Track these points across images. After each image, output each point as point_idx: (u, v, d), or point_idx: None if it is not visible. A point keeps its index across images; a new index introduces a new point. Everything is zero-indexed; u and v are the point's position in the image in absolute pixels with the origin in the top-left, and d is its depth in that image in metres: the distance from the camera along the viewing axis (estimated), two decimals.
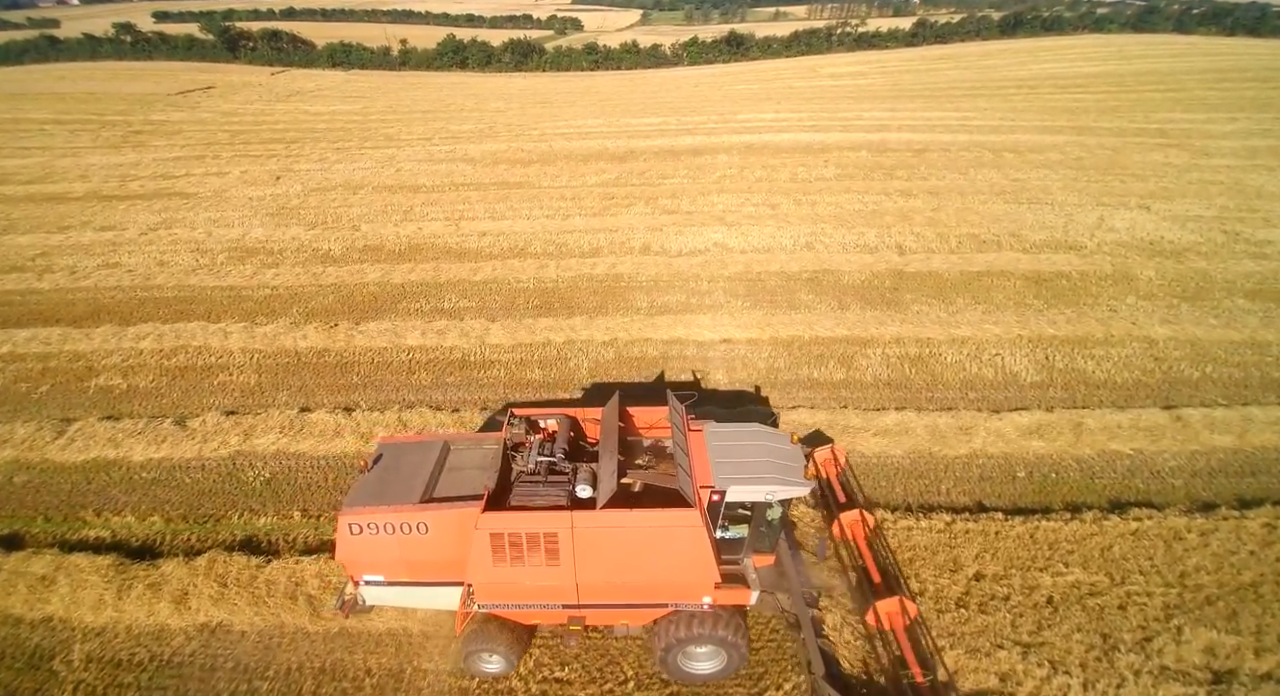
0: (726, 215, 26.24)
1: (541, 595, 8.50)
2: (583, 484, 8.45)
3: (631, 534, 7.99)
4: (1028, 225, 24.29)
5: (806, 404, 14.65)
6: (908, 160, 33.55)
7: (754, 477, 8.38)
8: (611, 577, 8.25)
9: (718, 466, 8.55)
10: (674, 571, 8.20)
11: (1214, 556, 10.40)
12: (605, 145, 38.93)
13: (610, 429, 9.25)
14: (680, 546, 8.00)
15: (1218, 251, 22.03)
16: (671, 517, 7.97)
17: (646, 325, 17.79)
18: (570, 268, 21.56)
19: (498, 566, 8.12)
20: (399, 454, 9.44)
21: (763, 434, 9.29)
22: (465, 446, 9.72)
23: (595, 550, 8.06)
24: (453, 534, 8.20)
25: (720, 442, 9.01)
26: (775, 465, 8.60)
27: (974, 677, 8.84)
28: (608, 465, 8.50)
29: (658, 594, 8.51)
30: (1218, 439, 13.22)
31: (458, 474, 9.15)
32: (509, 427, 9.45)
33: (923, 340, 17.02)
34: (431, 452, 9.40)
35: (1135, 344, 16.70)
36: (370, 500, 8.53)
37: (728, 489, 8.24)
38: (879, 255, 22.00)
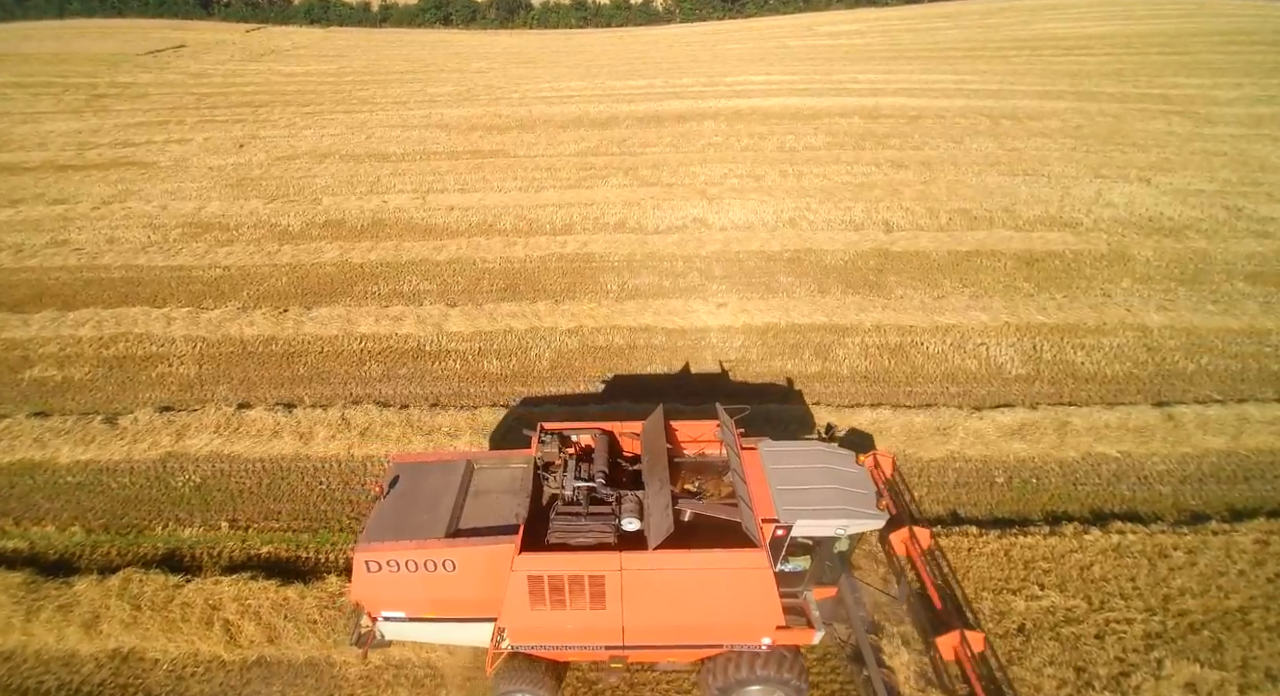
0: (708, 188, 24.86)
1: (582, 637, 7.65)
2: (629, 517, 7.56)
3: (687, 575, 7.17)
4: (1022, 199, 23.02)
5: (777, 399, 13.73)
6: (901, 128, 31.93)
7: (822, 509, 7.53)
8: (662, 619, 7.46)
9: (780, 496, 7.68)
10: (733, 613, 7.37)
11: (1201, 577, 9.63)
12: (587, 110, 37.06)
13: (657, 452, 8.21)
14: (742, 588, 7.17)
15: (1219, 229, 20.87)
16: (734, 559, 7.10)
17: (614, 311, 16.71)
18: (539, 246, 20.33)
19: (536, 610, 7.30)
20: (417, 476, 8.53)
21: (825, 455, 8.36)
22: (490, 466, 8.83)
23: (646, 592, 7.22)
24: (483, 571, 7.40)
25: (779, 466, 8.11)
26: (844, 494, 7.75)
27: None
28: (659, 498, 7.53)
29: (712, 634, 7.64)
30: (1210, 440, 12.36)
31: (484, 499, 8.28)
32: (539, 445, 8.57)
33: (905, 328, 16.01)
34: (454, 475, 8.50)
35: (1129, 332, 15.72)
36: (389, 533, 7.64)
37: (794, 524, 7.42)
38: (865, 233, 20.79)
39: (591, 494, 8.02)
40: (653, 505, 7.56)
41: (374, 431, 12.76)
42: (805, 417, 13.03)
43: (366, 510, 10.67)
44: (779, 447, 8.48)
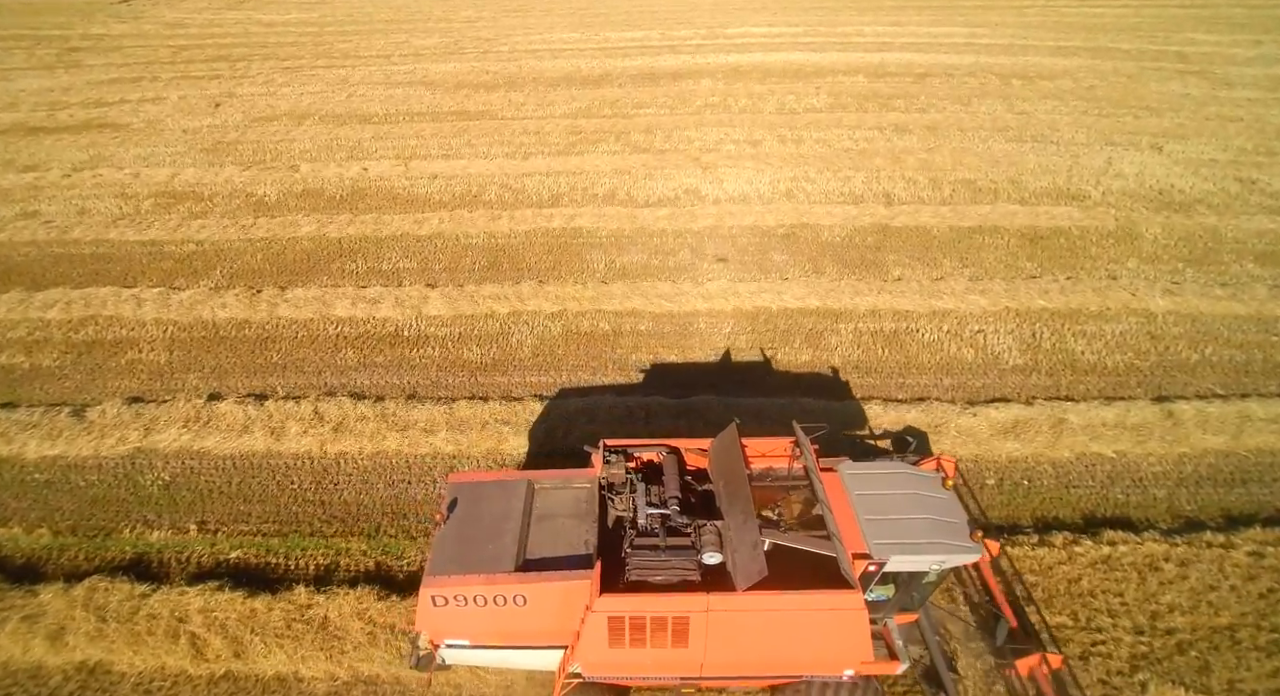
0: (703, 155, 23.67)
1: (659, 670, 7.42)
2: (711, 551, 7.15)
3: (777, 617, 6.87)
4: (1029, 169, 21.92)
5: (764, 390, 13.21)
6: (907, 87, 30.31)
7: (916, 544, 7.12)
8: (745, 656, 7.21)
9: (870, 527, 7.26)
10: (820, 648, 7.10)
11: (1191, 593, 9.32)
12: (579, 66, 35.19)
13: (737, 478, 7.66)
14: (833, 627, 6.86)
15: (1230, 204, 19.90)
16: (827, 600, 6.74)
17: (600, 293, 15.99)
18: (525, 220, 19.40)
19: (614, 649, 7.04)
20: (477, 498, 8.14)
21: (911, 478, 7.91)
22: (552, 486, 8.44)
23: (731, 631, 6.92)
24: (556, 605, 7.14)
25: (863, 492, 7.65)
26: (936, 525, 7.32)
27: None
28: (745, 534, 7.03)
29: (795, 667, 7.37)
30: (1210, 440, 11.90)
31: (549, 524, 7.92)
32: (604, 465, 8.19)
33: (901, 313, 15.33)
34: (515, 497, 8.10)
35: (1132, 319, 15.06)
36: (455, 566, 7.31)
37: (888, 560, 7.02)
38: (864, 207, 19.82)
39: (665, 522, 7.54)
40: (738, 541, 7.09)
41: (347, 426, 12.28)
42: (786, 416, 12.52)
43: (425, 537, 10.34)
44: (861, 470, 8.03)
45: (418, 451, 11.82)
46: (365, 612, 9.20)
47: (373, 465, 11.72)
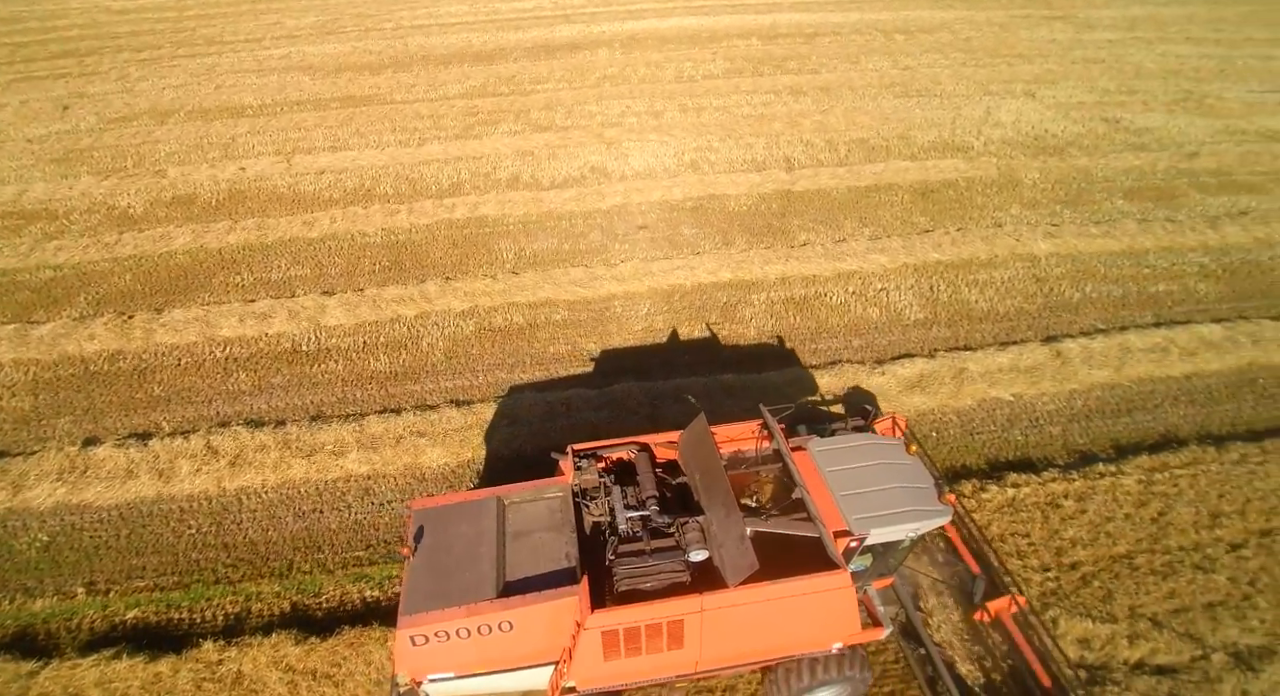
0: (606, 130, 22.71)
1: (655, 672, 7.16)
2: (696, 548, 6.85)
3: (771, 605, 6.72)
4: (917, 124, 22.24)
5: (684, 371, 12.89)
6: (799, 48, 30.10)
7: (891, 514, 7.11)
8: (739, 646, 7.12)
9: (845, 503, 7.20)
10: (811, 629, 7.07)
11: (1090, 526, 9.80)
12: (470, 41, 33.01)
13: (713, 470, 7.25)
14: (823, 607, 6.83)
15: (1099, 144, 20.91)
16: (817, 584, 6.65)
17: (512, 285, 15.12)
18: (425, 212, 18.07)
19: (610, 662, 6.75)
20: (445, 523, 7.43)
21: (877, 448, 7.87)
22: (523, 499, 7.82)
23: (725, 626, 6.78)
24: (544, 625, 6.72)
25: (835, 468, 7.58)
26: (907, 493, 7.34)
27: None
28: (730, 527, 6.73)
29: (786, 649, 7.31)
30: (1095, 374, 12.53)
31: (526, 541, 7.37)
32: (575, 471, 7.72)
33: (809, 278, 15.29)
34: (486, 517, 7.47)
35: (1019, 264, 15.61)
36: (432, 600, 6.66)
37: (868, 534, 7.01)
38: (767, 174, 19.58)
39: (647, 523, 7.20)
40: (723, 535, 6.81)
41: (246, 458, 11.12)
42: (710, 389, 12.28)
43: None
44: (829, 445, 7.90)
45: (328, 476, 10.86)
46: (283, 661, 8.40)
47: (278, 497, 10.68)
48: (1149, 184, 18.79)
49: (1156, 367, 12.63)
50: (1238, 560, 9.50)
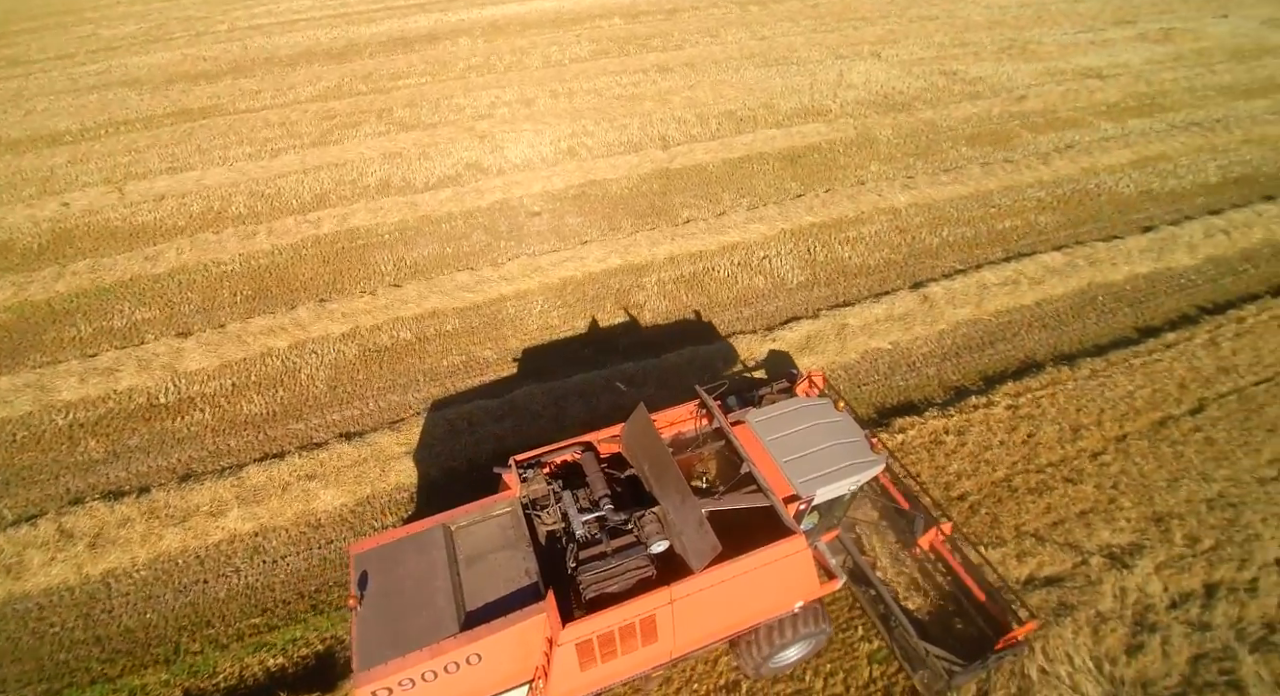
0: (477, 123, 21.39)
1: (631, 668, 6.94)
2: (656, 540, 6.68)
3: (735, 581, 6.65)
4: (778, 92, 22.47)
5: (586, 365, 12.39)
6: (661, 25, 29.62)
7: (832, 472, 7.31)
8: (710, 626, 7.02)
9: (789, 468, 7.30)
10: (774, 595, 7.10)
11: (970, 457, 10.32)
12: (317, 38, 30.09)
13: (661, 459, 6.98)
14: (784, 573, 6.85)
15: (940, 97, 21.96)
16: (776, 552, 6.63)
17: (394, 299, 13.92)
18: (287, 230, 16.30)
19: (587, 671, 6.48)
20: (390, 562, 6.66)
21: (810, 410, 7.95)
22: (471, 522, 7.14)
23: (695, 611, 6.67)
24: (513, 648, 6.25)
25: (774, 436, 7.62)
26: (843, 448, 7.55)
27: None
28: (688, 513, 6.57)
29: (752, 618, 7.28)
30: (959, 313, 13.17)
31: (481, 564, 6.77)
32: (521, 483, 7.25)
33: (696, 255, 15.11)
34: (434, 548, 6.80)
35: (882, 218, 16.15)
36: (390, 648, 5.97)
37: (815, 494, 7.18)
38: (644, 154, 19.13)
39: (604, 524, 6.89)
40: (681, 522, 6.64)
41: (108, 537, 9.61)
42: (613, 381, 11.89)
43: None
44: (766, 415, 7.89)
45: (208, 541, 9.58)
46: None
47: (153, 575, 9.31)
48: (986, 129, 19.96)
49: (1011, 299, 13.47)
50: (1100, 467, 10.32)
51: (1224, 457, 10.45)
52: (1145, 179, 17.51)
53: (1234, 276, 14.39)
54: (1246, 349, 12.39)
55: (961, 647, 7.96)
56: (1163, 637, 8.25)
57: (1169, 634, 8.29)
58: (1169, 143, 19.11)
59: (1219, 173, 17.95)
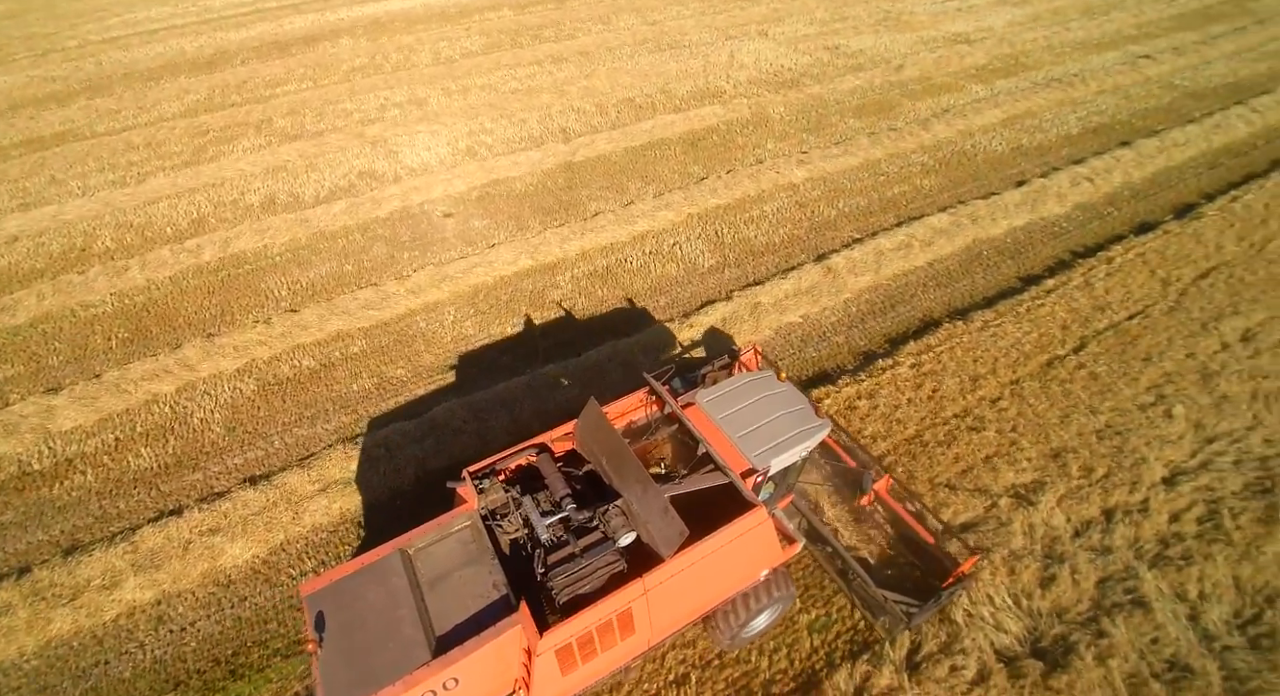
0: (367, 128, 19.96)
1: (612, 663, 6.78)
2: (623, 532, 6.56)
3: (705, 562, 6.64)
4: (673, 77, 22.17)
5: (505, 373, 11.84)
6: (551, 15, 28.57)
7: (783, 441, 7.40)
8: (683, 609, 6.99)
9: (743, 443, 7.36)
10: (741, 568, 7.10)
11: (883, 418, 10.55)
12: (182, 48, 27.23)
13: (619, 451, 6.87)
14: (750, 546, 6.88)
15: (825, 72, 22.29)
16: (740, 526, 6.66)
17: (292, 326, 12.81)
18: (163, 262, 14.67)
19: (568, 675, 6.30)
20: (348, 598, 6.20)
21: (755, 384, 7.98)
22: (429, 542, 6.72)
23: (669, 596, 6.61)
24: (491, 665, 5.96)
25: (725, 413, 7.65)
26: (790, 417, 7.65)
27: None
28: (652, 502, 6.50)
29: (723, 594, 7.29)
30: (861, 280, 13.44)
31: (446, 585, 6.39)
32: (478, 494, 6.89)
33: (607, 247, 14.71)
34: (393, 575, 6.36)
35: (783, 194, 16.25)
36: (359, 688, 5.56)
37: (770, 465, 7.26)
38: (546, 148, 18.42)
39: (568, 524, 6.72)
40: (646, 512, 6.55)
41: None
42: (533, 387, 11.43)
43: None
44: (714, 394, 7.88)
45: (104, 618, 8.53)
46: None
47: (45, 664, 8.20)
48: (870, 100, 20.42)
49: (905, 262, 13.86)
50: (999, 413, 10.80)
51: (1107, 390, 11.18)
52: (1015, 136, 18.44)
53: (1100, 220, 15.39)
54: (1117, 287, 13.28)
55: (915, 589, 8.25)
56: (1071, 566, 8.74)
57: (1076, 562, 8.79)
58: (1033, 99, 20.18)
59: (1079, 124, 19.12)
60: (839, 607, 8.47)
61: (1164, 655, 7.92)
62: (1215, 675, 7.69)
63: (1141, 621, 8.18)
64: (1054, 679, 7.70)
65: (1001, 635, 8.14)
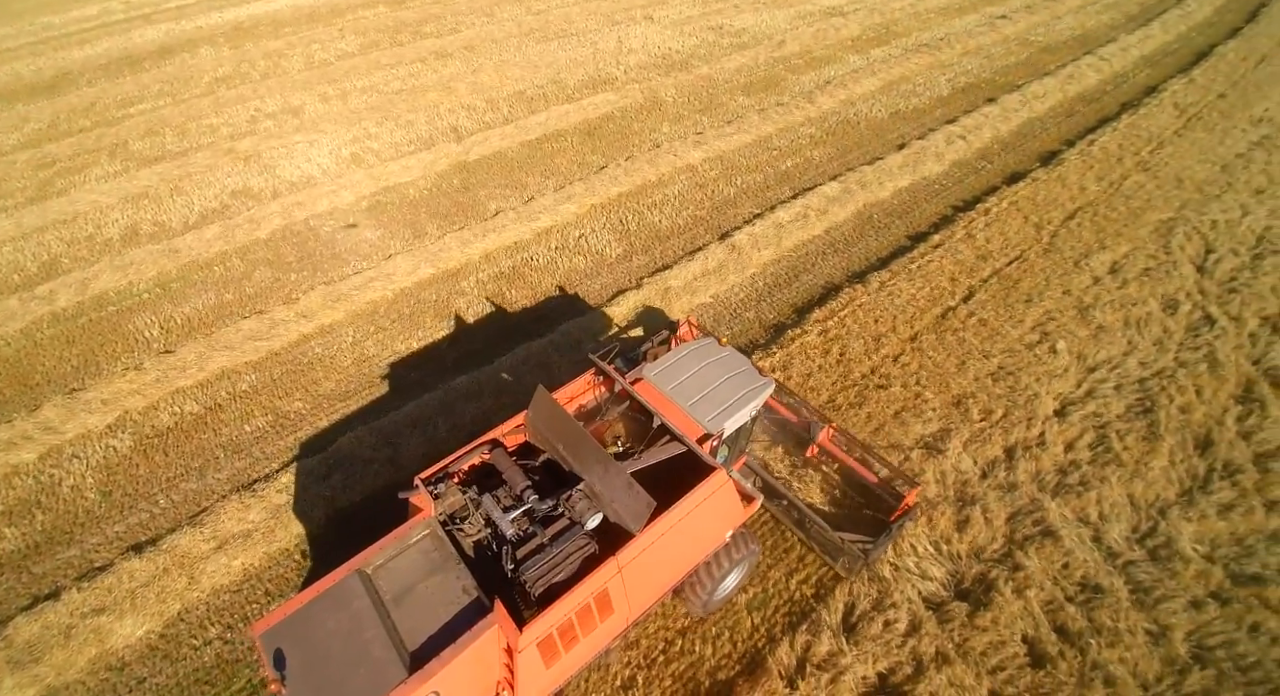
0: (236, 143, 18.06)
1: (594, 647, 6.52)
2: (590, 514, 6.35)
3: (674, 531, 6.55)
4: (564, 66, 21.32)
5: (415, 390, 10.98)
6: (431, 9, 26.84)
7: (734, 403, 7.43)
8: (659, 581, 6.89)
9: (695, 410, 7.35)
10: (710, 531, 7.03)
11: (797, 387, 10.42)
12: (17, 72, 23.69)
13: (575, 435, 6.74)
14: (714, 509, 6.83)
15: (712, 52, 22.04)
16: (704, 490, 6.61)
17: (169, 369, 11.34)
18: (12, 313, 12.67)
19: (552, 666, 6.04)
20: (308, 629, 5.69)
21: (699, 352, 7.99)
22: (387, 558, 6.26)
23: (643, 570, 6.47)
24: (471, 671, 5.65)
25: (673, 384, 7.61)
26: (736, 379, 7.72)
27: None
28: (614, 479, 6.39)
29: (693, 560, 7.18)
30: (764, 254, 13.34)
31: (412, 598, 5.98)
32: (434, 500, 6.50)
33: (511, 247, 13.94)
34: (354, 598, 5.89)
35: (682, 177, 15.93)
36: None
37: (724, 428, 7.30)
38: (437, 149, 17.26)
39: (533, 516, 6.42)
40: (610, 491, 6.41)
41: None
42: (447, 403, 10.66)
43: None
44: (660, 367, 7.82)
45: None
46: None
47: None
48: (757, 77, 20.37)
49: (804, 232, 13.87)
50: (902, 368, 10.97)
51: (996, 333, 11.59)
52: (892, 101, 18.87)
53: (975, 174, 15.99)
54: (996, 236, 13.82)
55: (868, 528, 8.41)
56: (982, 507, 8.97)
57: (986, 502, 9.03)
58: (906, 65, 20.73)
59: (949, 85, 19.80)
60: (774, 582, 8.37)
61: (1075, 578, 8.27)
62: (1123, 590, 8.09)
63: (1051, 550, 8.51)
64: (979, 617, 7.88)
65: (927, 583, 8.27)
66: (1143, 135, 17.07)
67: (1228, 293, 12.27)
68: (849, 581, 8.17)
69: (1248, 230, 13.79)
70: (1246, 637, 7.64)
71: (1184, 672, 7.41)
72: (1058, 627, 7.84)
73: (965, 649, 7.66)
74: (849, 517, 8.75)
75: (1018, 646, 7.68)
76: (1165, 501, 9.06)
